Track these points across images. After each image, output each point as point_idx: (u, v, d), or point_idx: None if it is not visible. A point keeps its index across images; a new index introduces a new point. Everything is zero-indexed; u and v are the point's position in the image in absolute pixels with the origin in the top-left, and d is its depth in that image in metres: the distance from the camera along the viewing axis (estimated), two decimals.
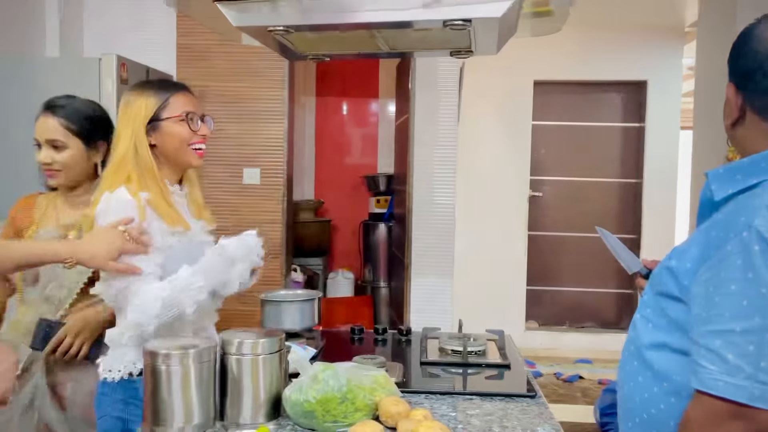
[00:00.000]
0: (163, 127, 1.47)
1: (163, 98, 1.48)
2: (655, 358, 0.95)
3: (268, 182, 3.46)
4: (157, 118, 1.46)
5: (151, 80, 1.59)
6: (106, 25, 3.36)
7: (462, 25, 1.44)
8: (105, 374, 1.43)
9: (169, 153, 1.49)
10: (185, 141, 1.49)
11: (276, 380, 1.30)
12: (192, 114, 1.50)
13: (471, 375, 1.63)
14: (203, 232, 1.56)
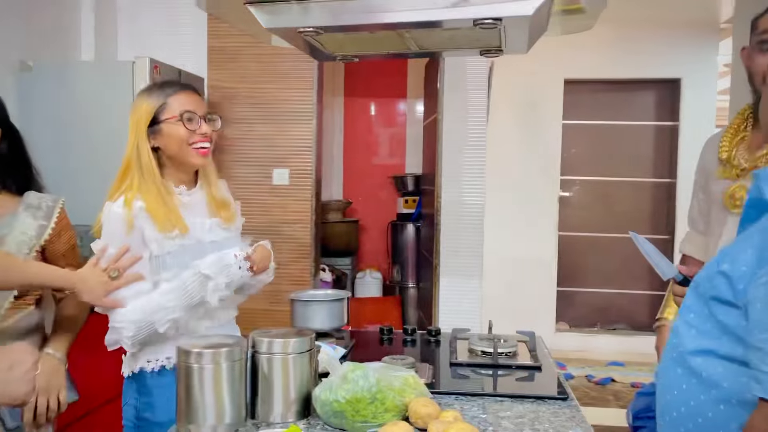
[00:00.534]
0: (162, 129, 1.49)
1: (161, 100, 1.50)
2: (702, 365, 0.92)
3: (297, 183, 3.48)
4: (156, 120, 1.49)
5: (156, 83, 1.61)
6: (139, 29, 3.43)
7: (492, 23, 1.43)
8: (124, 371, 1.57)
9: (171, 154, 1.51)
10: (184, 141, 1.49)
11: (306, 379, 1.31)
12: (190, 113, 1.50)
13: (501, 376, 1.61)
14: (216, 231, 1.57)
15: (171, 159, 1.52)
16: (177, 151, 1.50)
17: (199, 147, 1.51)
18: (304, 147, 3.49)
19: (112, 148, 2.73)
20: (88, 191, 2.73)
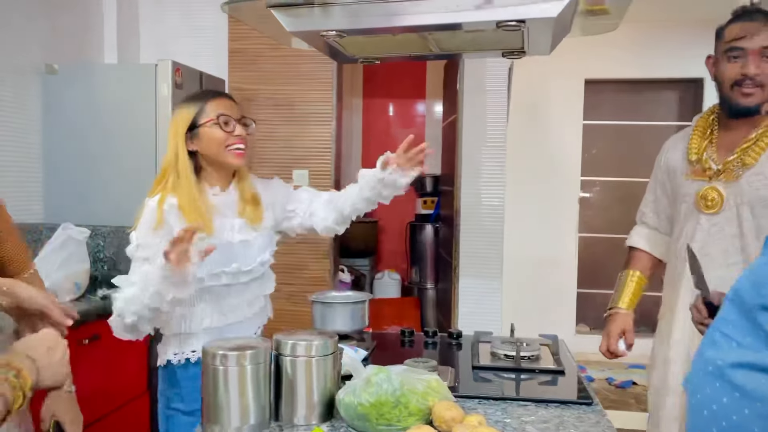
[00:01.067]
0: (200, 133, 1.58)
1: (199, 105, 1.59)
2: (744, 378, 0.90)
3: (317, 184, 3.48)
4: (194, 124, 1.58)
5: (196, 91, 1.70)
6: (161, 32, 3.46)
7: (516, 26, 1.42)
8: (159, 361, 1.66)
9: (209, 156, 1.59)
10: (221, 143, 1.57)
11: (329, 382, 1.31)
12: (225, 116, 1.58)
13: (524, 380, 1.60)
14: (244, 231, 1.63)
15: (209, 161, 1.60)
16: (214, 153, 1.58)
17: (235, 148, 1.59)
18: (324, 148, 3.49)
19: (136, 150, 2.78)
20: (112, 193, 2.78)
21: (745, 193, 1.58)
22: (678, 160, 1.73)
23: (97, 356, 2.32)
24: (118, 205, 2.76)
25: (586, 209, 5.02)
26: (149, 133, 2.76)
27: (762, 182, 1.56)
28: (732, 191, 1.60)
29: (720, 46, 1.64)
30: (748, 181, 1.58)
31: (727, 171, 1.60)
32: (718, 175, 1.61)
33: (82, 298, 2.40)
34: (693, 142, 1.69)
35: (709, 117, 1.71)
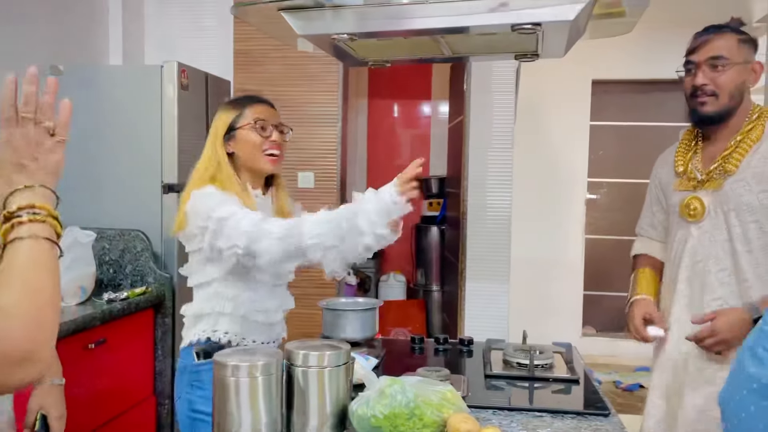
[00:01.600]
0: (237, 135, 1.61)
1: (239, 110, 1.63)
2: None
3: (322, 185, 3.47)
4: (232, 127, 1.62)
5: (239, 96, 1.73)
6: (166, 33, 3.44)
7: (531, 29, 1.39)
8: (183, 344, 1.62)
9: (245, 159, 1.62)
10: (257, 146, 1.61)
11: (342, 393, 1.28)
12: (262, 121, 1.62)
13: (538, 389, 1.58)
14: None
15: (244, 164, 1.63)
16: (249, 156, 1.61)
17: (269, 154, 1.62)
18: (329, 150, 3.47)
19: (142, 152, 2.76)
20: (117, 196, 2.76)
21: (729, 200, 1.61)
22: (668, 173, 1.80)
23: (103, 360, 2.30)
24: (123, 207, 2.74)
25: (593, 211, 4.99)
26: (155, 135, 2.74)
27: (744, 188, 1.59)
28: (717, 199, 1.63)
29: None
30: (731, 188, 1.61)
31: (711, 180, 1.65)
32: (703, 185, 1.66)
33: (87, 301, 2.38)
34: (679, 154, 1.77)
35: (694, 130, 1.79)
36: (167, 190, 2.73)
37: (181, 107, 2.75)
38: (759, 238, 1.58)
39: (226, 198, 1.51)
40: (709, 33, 1.66)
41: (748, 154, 1.61)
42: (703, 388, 1.64)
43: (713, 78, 1.63)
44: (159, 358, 2.65)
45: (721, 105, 1.63)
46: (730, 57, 1.61)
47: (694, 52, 1.67)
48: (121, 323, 2.39)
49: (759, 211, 1.58)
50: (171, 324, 2.65)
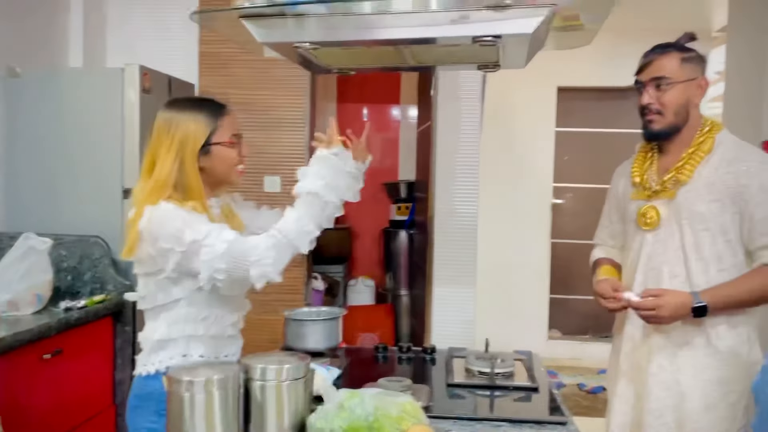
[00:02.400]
0: (213, 152, 1.51)
1: (213, 122, 1.51)
2: None
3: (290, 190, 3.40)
4: (208, 142, 1.49)
5: (195, 99, 1.60)
6: (128, 35, 3.37)
7: (491, 41, 1.41)
8: (140, 369, 1.50)
9: (217, 175, 1.53)
10: (234, 163, 1.54)
11: (301, 406, 1.27)
12: (237, 136, 1.55)
13: (498, 398, 1.59)
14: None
15: (211, 178, 1.53)
16: (224, 173, 1.53)
17: (240, 168, 1.57)
18: (297, 154, 3.44)
19: (102, 157, 2.70)
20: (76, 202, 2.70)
21: (682, 209, 1.67)
22: (625, 184, 1.86)
23: (59, 371, 2.24)
24: (82, 213, 2.68)
25: (559, 215, 5.05)
26: (116, 140, 2.68)
27: (696, 197, 1.65)
28: (671, 208, 1.69)
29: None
30: (684, 198, 1.66)
31: (665, 190, 1.70)
32: (658, 194, 1.72)
33: (44, 310, 2.32)
34: (635, 166, 1.82)
35: (650, 142, 1.84)
36: (127, 195, 2.68)
37: (143, 111, 2.70)
38: (710, 245, 1.63)
39: (194, 216, 1.42)
40: (653, 53, 1.72)
41: (699, 165, 1.66)
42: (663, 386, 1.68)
43: (658, 97, 1.69)
44: (119, 367, 2.60)
45: (666, 122, 1.69)
46: (672, 77, 1.67)
47: (640, 72, 1.74)
48: (78, 332, 2.34)
49: (710, 220, 1.63)
50: (131, 332, 2.59)
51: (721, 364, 1.63)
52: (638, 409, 1.73)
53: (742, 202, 1.60)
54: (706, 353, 1.64)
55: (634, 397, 1.75)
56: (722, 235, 1.63)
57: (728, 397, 1.63)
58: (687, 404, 1.64)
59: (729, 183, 1.62)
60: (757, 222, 1.60)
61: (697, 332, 1.65)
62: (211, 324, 1.50)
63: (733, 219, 1.62)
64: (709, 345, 1.64)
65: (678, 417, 1.65)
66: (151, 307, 1.50)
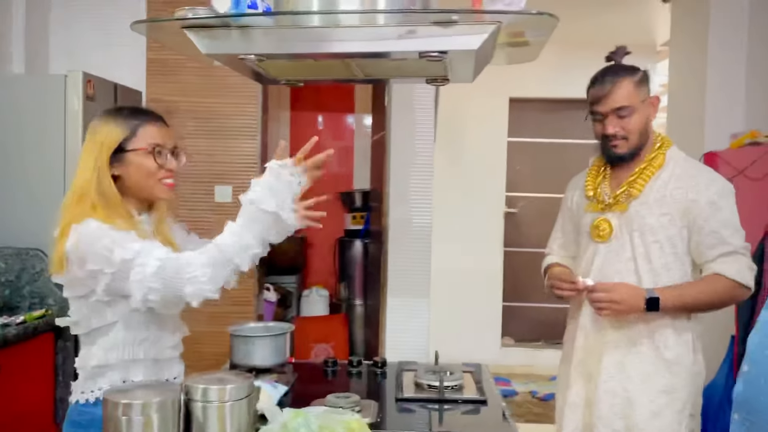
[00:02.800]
0: (127, 159, 1.43)
1: (130, 128, 1.43)
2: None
3: None
4: (122, 148, 1.42)
5: (122, 107, 1.51)
6: (72, 42, 3.26)
7: (438, 56, 1.41)
8: (77, 396, 1.44)
9: (133, 185, 1.45)
10: (152, 175, 1.44)
11: (244, 427, 1.24)
12: (160, 147, 1.45)
13: (447, 411, 1.59)
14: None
15: (130, 189, 1.46)
16: (141, 183, 1.45)
17: (167, 182, 1.47)
18: (249, 163, 3.40)
19: (43, 166, 2.61)
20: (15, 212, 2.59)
21: (634, 222, 1.73)
22: (579, 196, 1.90)
23: None
24: (22, 225, 2.58)
25: (512, 224, 5.13)
26: (58, 149, 2.59)
27: (647, 210, 1.71)
28: (623, 221, 1.75)
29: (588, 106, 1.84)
30: (635, 211, 1.72)
31: (618, 203, 1.75)
32: (611, 207, 1.77)
33: None
34: (589, 180, 1.87)
35: (602, 158, 1.89)
36: None
37: (86, 119, 2.61)
38: (660, 257, 1.70)
39: (122, 234, 1.35)
40: (606, 83, 1.74)
41: (650, 179, 1.72)
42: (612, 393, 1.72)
43: (622, 125, 1.72)
44: (60, 385, 2.50)
45: (632, 145, 1.74)
46: (631, 104, 1.71)
47: (598, 103, 1.75)
48: (17, 349, 2.24)
49: (659, 232, 1.69)
50: (73, 348, 2.50)
51: (667, 372, 1.69)
52: (588, 416, 1.76)
53: (691, 217, 1.67)
54: (653, 362, 1.70)
55: (584, 404, 1.78)
56: (671, 247, 1.69)
57: (674, 405, 1.68)
58: (635, 411, 1.68)
59: (678, 198, 1.68)
60: (705, 236, 1.67)
61: (645, 342, 1.70)
62: (150, 346, 1.44)
63: (681, 233, 1.69)
64: (657, 354, 1.69)
65: (626, 424, 1.69)
66: (86, 332, 1.42)
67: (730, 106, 3.13)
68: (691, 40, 3.36)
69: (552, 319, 5.05)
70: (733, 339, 2.71)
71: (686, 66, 3.46)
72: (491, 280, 5.01)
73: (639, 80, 1.74)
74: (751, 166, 2.73)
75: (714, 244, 1.66)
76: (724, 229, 1.65)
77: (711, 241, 1.66)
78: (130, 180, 1.44)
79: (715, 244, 1.66)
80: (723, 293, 1.66)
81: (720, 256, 1.66)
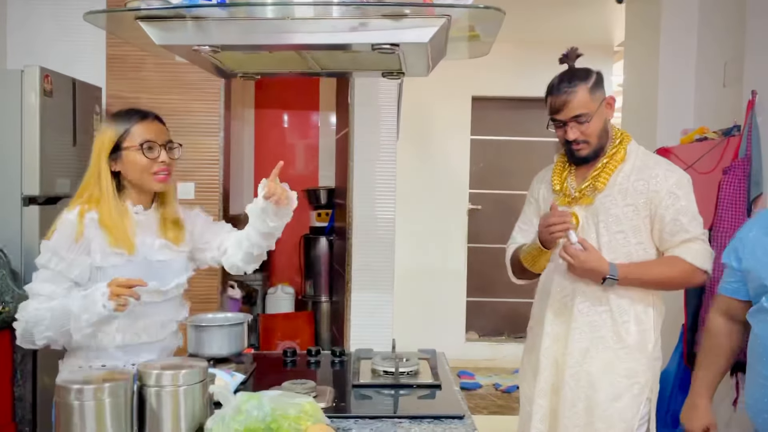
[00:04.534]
0: (123, 156, 1.58)
1: (124, 128, 1.59)
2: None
3: (204, 197, 3.38)
4: (118, 147, 1.58)
5: (122, 110, 1.65)
6: (31, 36, 3.22)
7: (390, 48, 1.45)
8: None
9: (132, 179, 1.60)
10: (144, 169, 1.58)
11: (198, 412, 1.26)
12: (150, 143, 1.58)
13: (403, 396, 1.63)
14: (163, 251, 1.64)
15: (131, 183, 1.61)
16: (137, 177, 1.59)
17: (159, 175, 1.60)
18: (211, 160, 3.39)
19: None
20: None
21: (599, 213, 1.81)
22: (546, 189, 1.97)
23: None
24: None
25: (475, 221, 5.20)
26: (14, 145, 2.56)
27: (611, 202, 1.79)
28: (589, 213, 1.83)
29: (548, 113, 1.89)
30: (601, 203, 1.81)
31: (584, 196, 1.83)
32: (577, 201, 1.84)
33: None
34: (555, 175, 1.93)
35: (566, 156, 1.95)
36: (28, 203, 2.56)
37: (44, 115, 2.59)
38: (623, 246, 1.78)
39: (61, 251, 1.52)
40: (562, 92, 1.79)
41: (614, 173, 1.80)
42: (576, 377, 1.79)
43: (582, 131, 1.79)
44: (18, 383, 2.46)
45: (593, 146, 1.81)
46: (589, 110, 1.78)
47: (558, 112, 1.81)
48: None
49: (624, 222, 1.78)
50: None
51: (628, 357, 1.77)
52: (555, 402, 1.83)
53: (653, 206, 1.76)
54: (615, 348, 1.78)
55: (552, 390, 1.84)
56: (635, 236, 1.78)
57: (632, 389, 1.76)
58: (596, 393, 1.76)
59: (641, 189, 1.77)
60: (666, 224, 1.76)
61: (609, 329, 1.78)
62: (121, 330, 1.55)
63: (645, 222, 1.78)
64: (619, 341, 1.78)
65: (588, 405, 1.76)
66: None
67: (681, 103, 3.25)
68: (644, 40, 3.47)
69: (515, 313, 5.15)
70: (683, 328, 2.81)
71: (639, 65, 3.57)
72: (455, 275, 5.08)
73: (593, 85, 1.80)
74: (700, 161, 2.83)
75: (675, 231, 1.75)
76: (683, 217, 1.74)
77: (672, 228, 1.75)
78: (128, 175, 1.59)
79: (676, 231, 1.75)
80: (679, 275, 1.76)
81: (681, 242, 1.75)
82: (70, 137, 2.80)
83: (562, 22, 4.49)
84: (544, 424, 1.88)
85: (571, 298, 1.83)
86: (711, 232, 2.54)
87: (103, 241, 1.54)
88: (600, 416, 1.75)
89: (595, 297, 1.80)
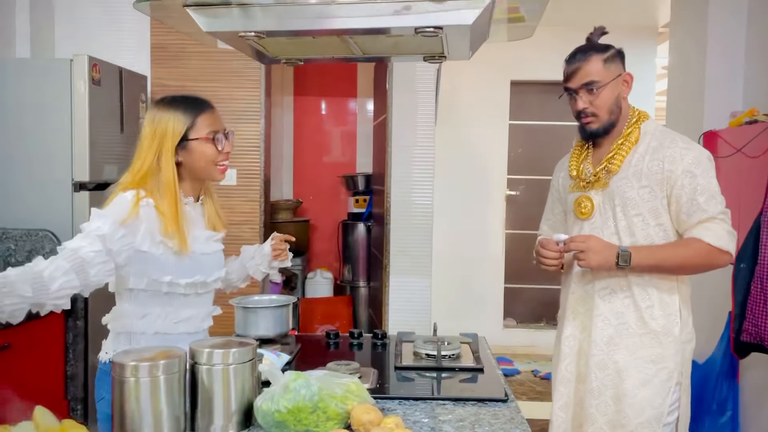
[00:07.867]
0: (190, 147, 1.55)
1: (190, 118, 1.55)
2: None
3: (245, 183, 3.44)
4: (185, 137, 1.54)
5: (178, 96, 1.61)
6: (78, 26, 3.31)
7: (433, 32, 1.44)
8: (101, 356, 1.55)
9: (195, 170, 1.58)
10: (212, 160, 1.56)
11: (247, 390, 1.30)
12: (217, 133, 1.57)
13: (445, 379, 1.64)
14: (209, 243, 1.63)
15: (190, 174, 1.58)
16: (203, 169, 1.57)
17: (222, 165, 1.59)
18: (252, 147, 3.44)
19: (51, 150, 2.66)
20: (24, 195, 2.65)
21: (615, 197, 1.77)
22: (564, 177, 1.96)
23: (8, 366, 2.20)
24: (30, 207, 2.63)
25: (513, 207, 5.16)
26: (65, 132, 2.64)
27: (627, 185, 1.75)
28: (605, 197, 1.80)
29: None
30: (616, 186, 1.77)
31: (599, 180, 1.81)
32: (593, 185, 1.82)
33: None
34: (572, 160, 1.93)
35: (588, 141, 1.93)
36: (78, 188, 2.65)
37: (92, 103, 2.66)
38: (642, 229, 1.74)
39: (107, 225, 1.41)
40: (576, 60, 1.80)
41: (628, 154, 1.77)
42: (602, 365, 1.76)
43: (591, 101, 1.78)
44: (71, 362, 2.56)
45: (603, 121, 1.79)
46: (600, 79, 1.76)
47: (569, 80, 1.82)
48: (27, 327, 2.30)
49: (641, 205, 1.73)
50: (83, 327, 2.57)
51: (655, 342, 1.72)
52: (580, 390, 1.81)
53: (668, 187, 1.70)
54: (641, 333, 1.73)
55: (576, 379, 1.83)
56: (654, 218, 1.73)
57: (661, 374, 1.72)
58: (623, 381, 1.72)
59: (655, 169, 1.71)
60: (683, 204, 1.70)
61: (633, 315, 1.74)
62: (151, 322, 1.53)
63: (662, 204, 1.72)
64: (644, 326, 1.73)
65: (615, 393, 1.73)
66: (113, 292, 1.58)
67: (729, 85, 3.15)
68: (691, 20, 3.36)
69: (553, 300, 5.08)
70: (729, 315, 2.75)
71: (686, 46, 3.47)
72: (493, 261, 5.06)
73: (608, 57, 1.78)
74: (750, 144, 2.75)
75: (692, 211, 1.68)
76: (700, 197, 1.68)
77: (689, 208, 1.69)
78: (192, 166, 1.56)
79: (693, 211, 1.68)
80: (698, 256, 1.68)
81: (698, 222, 1.68)
82: (118, 125, 2.88)
83: (604, 3, 4.38)
84: (565, 413, 1.86)
85: (592, 285, 1.81)
86: (761, 217, 2.47)
87: (154, 228, 1.49)
88: (629, 404, 1.71)
89: (616, 284, 1.76)
